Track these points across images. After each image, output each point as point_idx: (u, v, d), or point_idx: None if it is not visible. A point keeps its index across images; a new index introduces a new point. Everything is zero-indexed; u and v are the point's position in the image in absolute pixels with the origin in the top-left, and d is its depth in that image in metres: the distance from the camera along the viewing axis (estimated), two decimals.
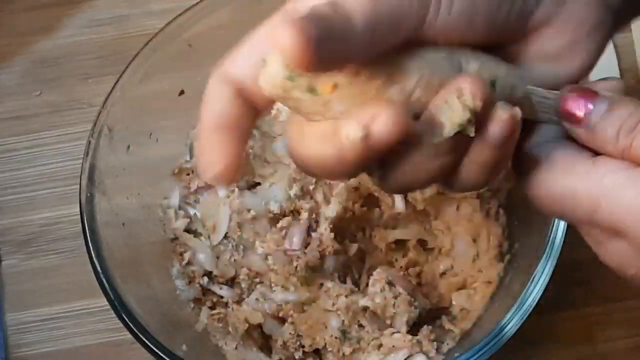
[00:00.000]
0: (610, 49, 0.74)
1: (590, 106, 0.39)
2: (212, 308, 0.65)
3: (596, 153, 0.40)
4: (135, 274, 0.62)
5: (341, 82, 0.37)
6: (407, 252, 0.67)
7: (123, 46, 0.76)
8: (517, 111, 0.38)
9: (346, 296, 0.63)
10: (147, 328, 0.58)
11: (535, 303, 0.57)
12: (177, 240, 0.67)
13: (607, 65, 0.73)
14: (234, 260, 0.66)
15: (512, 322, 0.57)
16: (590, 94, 0.39)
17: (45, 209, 0.72)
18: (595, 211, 0.39)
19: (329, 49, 0.35)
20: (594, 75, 0.42)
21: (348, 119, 0.37)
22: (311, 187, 0.67)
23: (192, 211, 0.68)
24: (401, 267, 0.66)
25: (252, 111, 0.41)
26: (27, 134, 0.74)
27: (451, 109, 0.38)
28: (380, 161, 0.39)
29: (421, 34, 0.38)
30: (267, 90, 0.38)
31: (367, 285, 0.64)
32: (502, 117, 0.38)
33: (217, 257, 0.66)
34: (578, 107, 0.39)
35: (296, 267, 0.64)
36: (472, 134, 0.38)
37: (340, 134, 0.37)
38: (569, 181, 0.39)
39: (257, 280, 0.65)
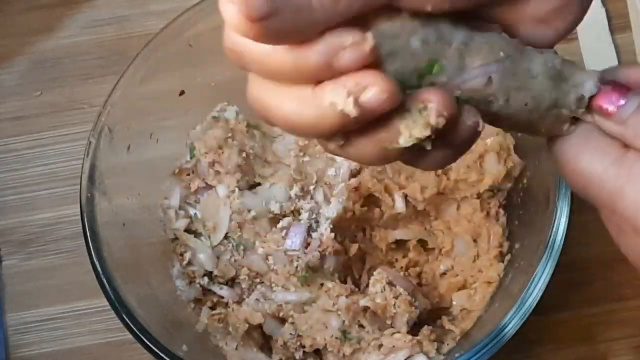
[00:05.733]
0: (610, 49, 0.74)
1: (622, 101, 0.39)
2: (212, 308, 0.65)
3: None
4: (135, 274, 0.62)
5: None
6: (408, 252, 0.67)
7: (123, 46, 0.76)
8: (479, 120, 0.37)
9: (346, 296, 0.63)
10: (148, 328, 0.58)
11: (535, 303, 0.58)
12: (178, 241, 0.67)
13: (607, 65, 0.72)
14: (234, 260, 0.66)
15: (512, 322, 0.57)
16: (623, 89, 0.39)
17: (45, 209, 0.72)
18: (620, 197, 0.38)
19: (281, 20, 0.33)
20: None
21: (333, 85, 0.35)
22: (311, 187, 0.67)
23: (192, 211, 0.68)
24: (401, 267, 0.66)
25: None
26: (27, 134, 0.74)
27: (412, 121, 0.36)
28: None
29: None
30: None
31: (367, 285, 0.64)
32: (466, 124, 0.37)
33: (218, 258, 0.66)
34: (610, 102, 0.39)
35: (296, 267, 0.64)
36: (429, 148, 0.36)
37: (323, 100, 0.35)
38: (598, 161, 0.39)
39: (258, 280, 0.65)
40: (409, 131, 0.36)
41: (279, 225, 0.65)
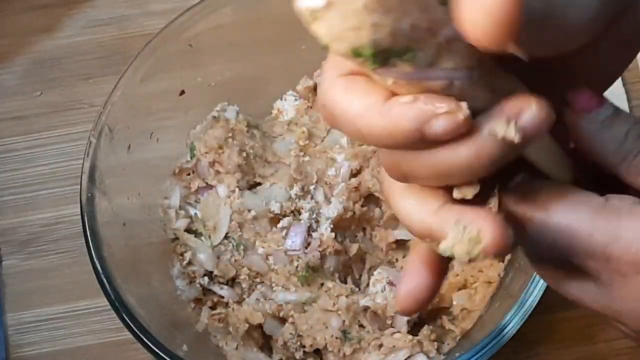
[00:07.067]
0: None
1: (602, 102, 0.38)
2: (212, 308, 0.65)
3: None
4: (135, 274, 0.62)
5: None
6: (408, 252, 0.67)
7: (123, 46, 0.76)
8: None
9: (347, 296, 0.63)
10: (148, 328, 0.58)
11: (535, 303, 0.58)
12: (178, 241, 0.67)
13: None
14: (235, 260, 0.66)
15: (513, 322, 0.57)
16: (599, 96, 0.38)
17: (45, 209, 0.72)
18: (616, 240, 0.37)
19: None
20: None
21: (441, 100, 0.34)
22: (311, 187, 0.67)
23: (192, 211, 0.68)
24: (402, 267, 0.66)
25: None
26: (27, 134, 0.74)
27: (458, 236, 0.35)
28: None
29: None
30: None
31: (367, 285, 0.64)
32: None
33: (218, 257, 0.66)
34: (587, 102, 0.38)
35: (297, 267, 0.64)
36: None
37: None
38: (583, 213, 0.37)
39: (258, 280, 0.65)
40: (451, 241, 0.35)
41: (279, 225, 0.65)
